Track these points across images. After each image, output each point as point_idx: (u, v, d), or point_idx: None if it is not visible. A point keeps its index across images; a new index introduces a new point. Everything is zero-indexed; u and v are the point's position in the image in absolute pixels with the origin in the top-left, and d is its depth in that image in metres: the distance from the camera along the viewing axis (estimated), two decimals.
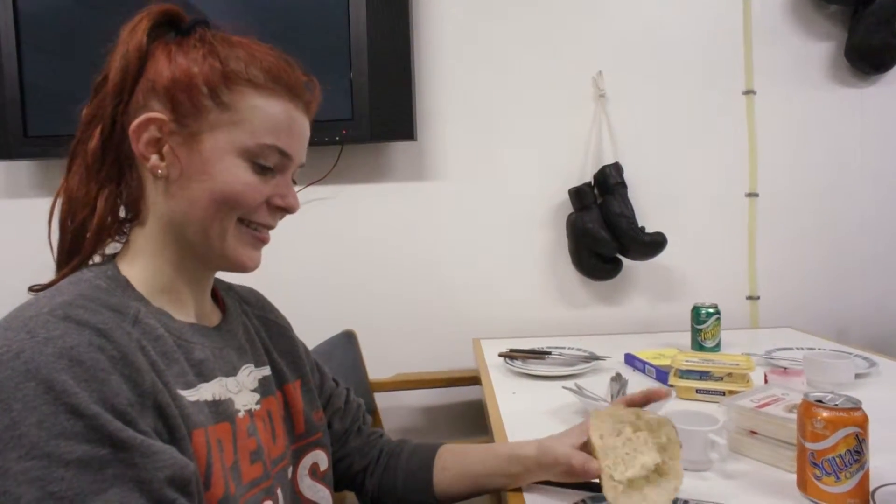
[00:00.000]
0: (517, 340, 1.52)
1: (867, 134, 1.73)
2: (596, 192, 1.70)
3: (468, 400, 1.75)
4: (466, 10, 1.73)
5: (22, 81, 1.66)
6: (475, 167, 1.75)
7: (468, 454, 0.78)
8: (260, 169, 0.59)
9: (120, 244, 0.61)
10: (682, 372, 1.08)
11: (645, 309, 1.76)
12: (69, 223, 0.59)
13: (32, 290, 0.58)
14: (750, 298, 1.75)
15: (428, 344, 1.75)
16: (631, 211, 1.67)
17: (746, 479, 0.76)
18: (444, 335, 1.76)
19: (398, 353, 1.73)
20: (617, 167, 1.68)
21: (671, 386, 1.06)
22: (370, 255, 1.76)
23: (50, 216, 0.60)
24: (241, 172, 0.58)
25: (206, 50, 0.58)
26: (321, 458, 0.72)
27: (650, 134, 1.74)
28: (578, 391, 1.02)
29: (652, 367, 1.22)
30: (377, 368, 1.61)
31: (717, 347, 1.37)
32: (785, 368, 1.10)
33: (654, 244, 1.63)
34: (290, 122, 0.61)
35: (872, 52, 1.64)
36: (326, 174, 1.72)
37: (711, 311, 1.37)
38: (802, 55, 1.72)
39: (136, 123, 0.56)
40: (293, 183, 0.66)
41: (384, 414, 1.61)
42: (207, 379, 0.58)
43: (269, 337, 0.73)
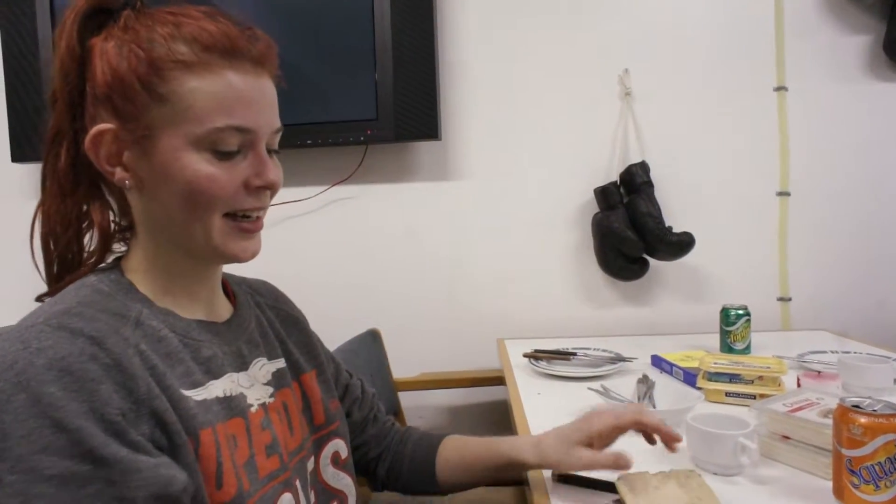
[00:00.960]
0: (541, 341, 1.51)
1: None
2: (622, 191, 1.68)
3: (492, 400, 1.74)
4: (491, 8, 1.73)
5: None
6: (499, 166, 1.75)
7: (468, 449, 0.81)
8: (223, 155, 0.54)
9: (124, 247, 0.60)
10: (710, 374, 1.06)
11: (672, 310, 1.73)
12: (52, 246, 0.58)
13: (39, 299, 0.58)
14: (781, 300, 1.71)
15: (452, 343, 1.75)
16: (658, 210, 1.64)
17: (779, 484, 0.74)
18: (468, 335, 1.75)
19: (422, 352, 1.74)
20: (643, 166, 1.66)
21: (699, 388, 1.04)
22: (394, 254, 1.77)
23: (31, 237, 0.59)
24: (202, 166, 0.53)
25: (129, 38, 0.53)
26: (341, 446, 0.72)
27: (677, 132, 1.71)
28: (605, 392, 1.01)
29: (679, 369, 1.20)
30: (402, 367, 1.61)
31: (746, 350, 1.34)
32: (819, 372, 1.07)
33: (681, 244, 1.60)
34: (237, 92, 0.54)
35: None
36: (351, 174, 1.74)
37: (741, 312, 1.34)
38: (837, 49, 1.67)
39: (88, 140, 0.53)
40: (275, 154, 0.60)
41: (408, 413, 1.61)
42: (217, 376, 0.57)
43: (283, 328, 0.72)
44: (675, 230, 1.62)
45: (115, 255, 0.61)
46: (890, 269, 1.69)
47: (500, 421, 1.75)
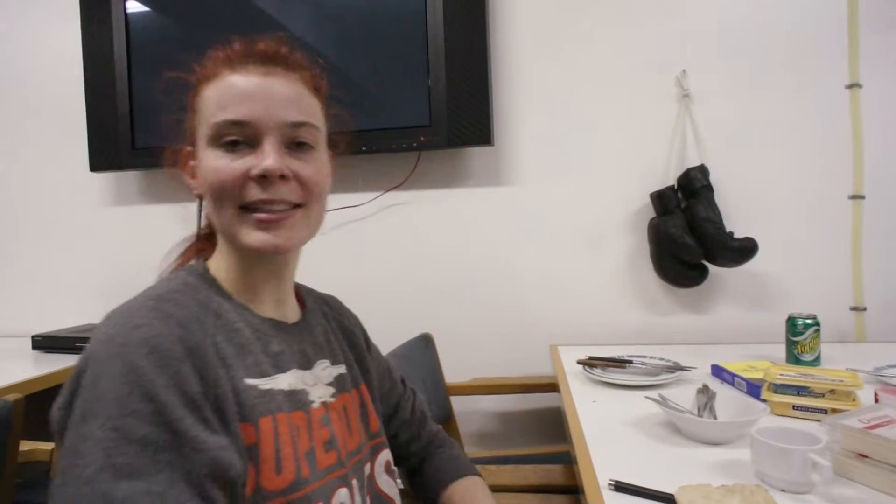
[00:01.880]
0: (595, 348, 1.48)
1: None
2: (679, 195, 1.63)
3: (545, 407, 1.73)
4: (543, 11, 1.72)
5: (131, 98, 1.82)
6: (553, 171, 1.73)
7: None
8: (228, 147, 0.59)
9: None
10: (776, 386, 1.01)
11: (733, 318, 1.67)
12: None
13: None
14: (854, 309, 1.61)
15: (505, 349, 1.75)
16: (718, 215, 1.59)
17: None
18: (520, 340, 1.74)
19: (475, 357, 1.74)
20: (702, 169, 1.61)
21: (764, 401, 1.00)
22: (447, 259, 1.78)
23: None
24: (214, 161, 0.59)
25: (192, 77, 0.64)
26: (390, 455, 0.75)
27: (739, 134, 1.65)
28: (662, 402, 0.98)
29: (742, 380, 1.16)
30: (454, 372, 1.62)
31: (816, 361, 1.28)
32: None
33: (743, 250, 1.54)
34: (236, 90, 0.59)
35: None
36: (405, 180, 1.76)
37: (809, 322, 1.28)
38: None
39: (181, 163, 0.66)
40: (308, 149, 0.62)
41: (460, 418, 1.62)
42: (283, 370, 0.61)
43: (345, 339, 0.76)
44: (736, 235, 1.56)
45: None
46: None
47: (552, 428, 1.73)
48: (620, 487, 0.75)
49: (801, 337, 1.28)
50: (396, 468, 0.85)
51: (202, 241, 0.70)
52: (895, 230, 1.59)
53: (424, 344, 1.54)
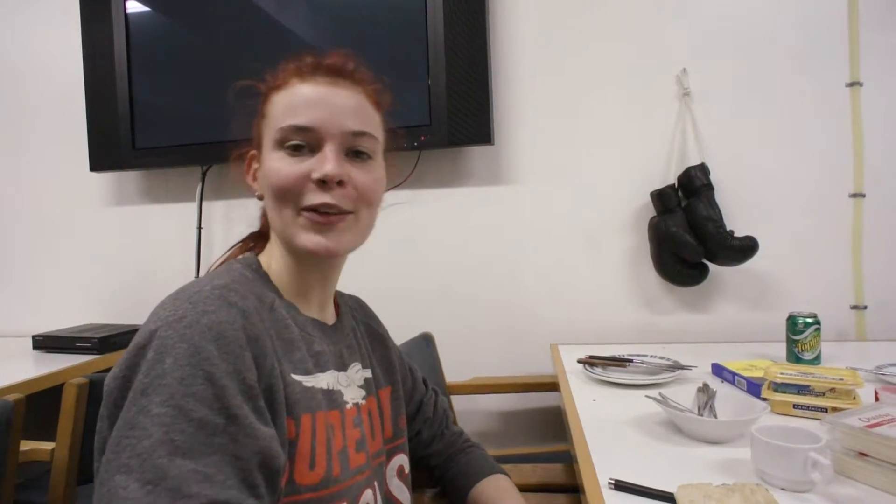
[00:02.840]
0: (596, 347, 1.48)
1: None
2: (680, 194, 1.63)
3: (545, 406, 1.73)
4: (543, 9, 1.72)
5: (132, 99, 1.82)
6: (553, 170, 1.73)
7: None
8: (291, 151, 0.63)
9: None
10: (777, 385, 1.01)
11: (734, 317, 1.67)
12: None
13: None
14: (855, 308, 1.61)
15: (505, 348, 1.75)
16: (718, 214, 1.58)
17: None
18: (521, 340, 1.74)
19: (475, 356, 1.74)
20: (703, 168, 1.60)
21: (764, 399, 1.00)
22: (448, 258, 1.78)
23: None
24: (277, 162, 0.63)
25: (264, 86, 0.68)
26: (405, 461, 0.77)
27: (739, 132, 1.64)
28: (663, 400, 0.98)
29: (742, 378, 1.16)
30: (454, 371, 1.62)
31: (816, 360, 1.28)
32: None
33: (744, 249, 1.54)
34: (301, 97, 0.63)
35: None
36: (405, 179, 1.76)
37: (810, 320, 1.28)
38: None
39: (246, 165, 0.69)
40: (366, 157, 0.66)
41: (461, 417, 1.62)
42: (323, 370, 0.64)
43: (370, 343, 0.79)
44: (737, 234, 1.56)
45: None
46: None
47: (552, 427, 1.73)
48: (621, 486, 0.75)
49: (801, 335, 1.28)
50: (425, 468, 0.87)
51: (254, 238, 0.73)
52: None
53: (425, 343, 1.54)
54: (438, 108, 1.63)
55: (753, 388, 1.10)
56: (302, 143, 0.62)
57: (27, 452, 1.14)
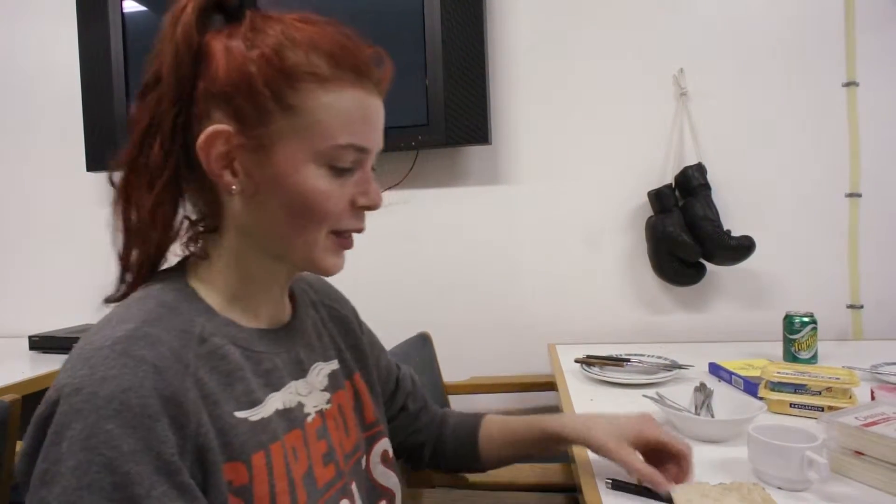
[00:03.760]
0: (593, 346, 1.48)
1: None
2: (677, 194, 1.63)
3: (543, 405, 1.73)
4: (541, 9, 1.72)
5: (128, 98, 1.81)
6: (550, 169, 1.73)
7: (510, 426, 0.82)
8: (338, 172, 0.54)
9: (189, 250, 0.57)
10: (773, 384, 1.02)
11: (731, 316, 1.67)
12: (134, 240, 0.56)
13: (107, 301, 0.58)
14: (851, 307, 1.62)
15: (502, 348, 1.75)
16: (715, 214, 1.59)
17: (850, 502, 0.70)
18: (518, 339, 1.74)
19: (473, 356, 1.74)
20: (700, 168, 1.61)
21: (761, 399, 1.00)
22: (445, 258, 1.78)
23: (115, 230, 0.57)
24: (318, 182, 0.53)
25: (260, 40, 0.52)
26: (388, 445, 0.72)
27: (736, 132, 1.65)
28: (660, 400, 0.99)
29: (739, 377, 1.16)
30: (452, 371, 1.62)
31: (813, 359, 1.28)
32: None
33: (741, 248, 1.54)
34: (362, 111, 0.55)
35: None
36: (402, 179, 1.76)
37: (806, 319, 1.28)
38: None
39: (202, 139, 0.51)
40: (372, 171, 0.60)
41: None
42: (277, 388, 0.57)
43: (335, 327, 0.72)
44: (734, 234, 1.57)
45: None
46: None
47: None
48: (617, 485, 0.75)
49: (798, 335, 1.28)
50: (416, 446, 0.84)
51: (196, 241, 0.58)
52: (892, 228, 1.60)
53: (422, 343, 1.54)
54: (436, 107, 1.63)
55: (750, 387, 1.10)
56: (352, 166, 0.55)
57: None
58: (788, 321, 1.30)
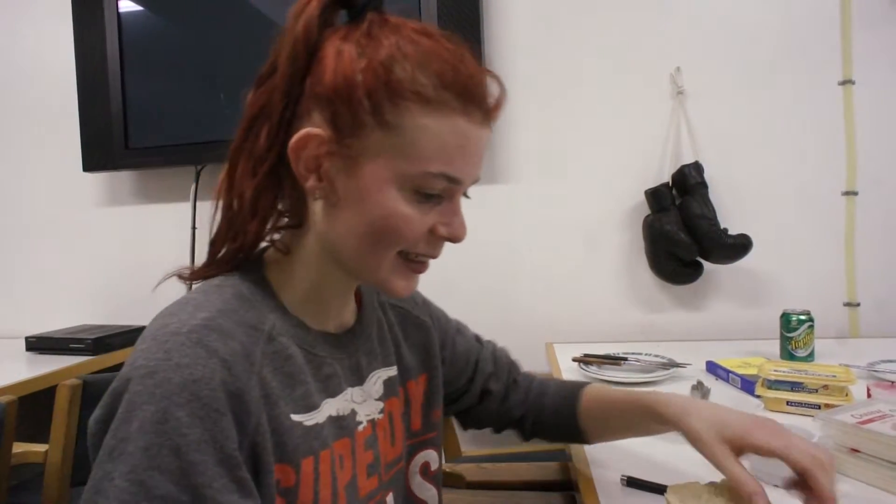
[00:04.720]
0: (591, 345, 1.48)
1: None
2: (674, 192, 1.63)
3: None
4: (537, 9, 1.72)
5: (125, 98, 1.81)
6: (548, 169, 1.73)
7: (608, 399, 0.77)
8: (424, 197, 0.52)
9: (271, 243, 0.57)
10: (770, 382, 1.02)
11: (728, 315, 1.67)
12: (231, 227, 0.55)
13: (183, 277, 0.57)
14: (848, 305, 1.62)
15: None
16: (712, 212, 1.59)
17: (847, 500, 0.70)
18: (516, 338, 1.72)
19: None
20: (697, 166, 1.61)
21: (758, 397, 1.00)
22: (442, 257, 1.76)
23: (214, 215, 0.56)
24: (400, 205, 0.51)
25: (371, 48, 0.50)
26: (433, 457, 0.71)
27: (733, 131, 1.65)
28: None
29: (736, 376, 1.16)
30: None
31: (809, 357, 1.28)
32: (892, 382, 1.01)
33: (738, 247, 1.54)
34: (462, 141, 0.51)
35: None
36: None
37: (803, 318, 1.28)
38: None
39: (295, 139, 0.51)
40: (465, 196, 0.58)
41: None
42: (333, 394, 0.57)
43: (401, 330, 0.71)
44: (731, 232, 1.57)
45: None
46: None
47: None
48: (633, 483, 0.75)
49: (794, 333, 1.28)
50: (511, 424, 0.82)
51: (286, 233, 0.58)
52: (888, 226, 1.60)
53: None
54: None
55: (747, 385, 1.11)
56: (440, 193, 0.53)
57: (20, 454, 1.13)
58: (785, 319, 1.30)
